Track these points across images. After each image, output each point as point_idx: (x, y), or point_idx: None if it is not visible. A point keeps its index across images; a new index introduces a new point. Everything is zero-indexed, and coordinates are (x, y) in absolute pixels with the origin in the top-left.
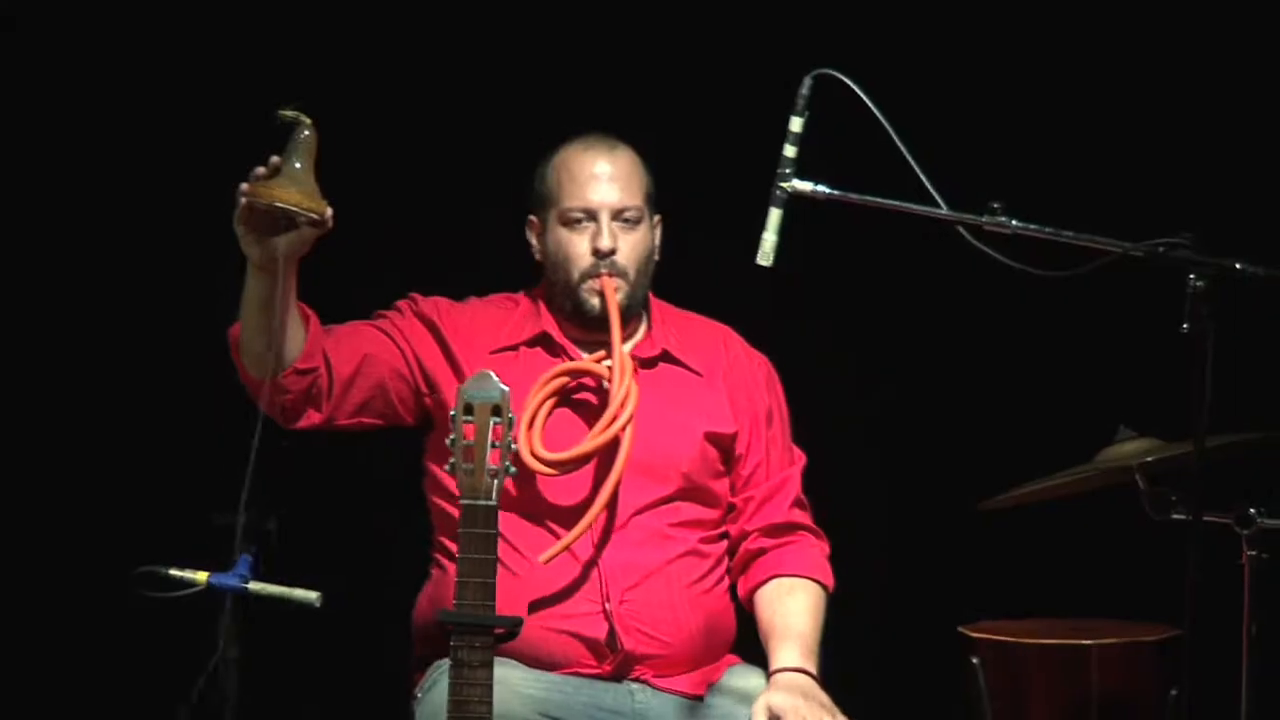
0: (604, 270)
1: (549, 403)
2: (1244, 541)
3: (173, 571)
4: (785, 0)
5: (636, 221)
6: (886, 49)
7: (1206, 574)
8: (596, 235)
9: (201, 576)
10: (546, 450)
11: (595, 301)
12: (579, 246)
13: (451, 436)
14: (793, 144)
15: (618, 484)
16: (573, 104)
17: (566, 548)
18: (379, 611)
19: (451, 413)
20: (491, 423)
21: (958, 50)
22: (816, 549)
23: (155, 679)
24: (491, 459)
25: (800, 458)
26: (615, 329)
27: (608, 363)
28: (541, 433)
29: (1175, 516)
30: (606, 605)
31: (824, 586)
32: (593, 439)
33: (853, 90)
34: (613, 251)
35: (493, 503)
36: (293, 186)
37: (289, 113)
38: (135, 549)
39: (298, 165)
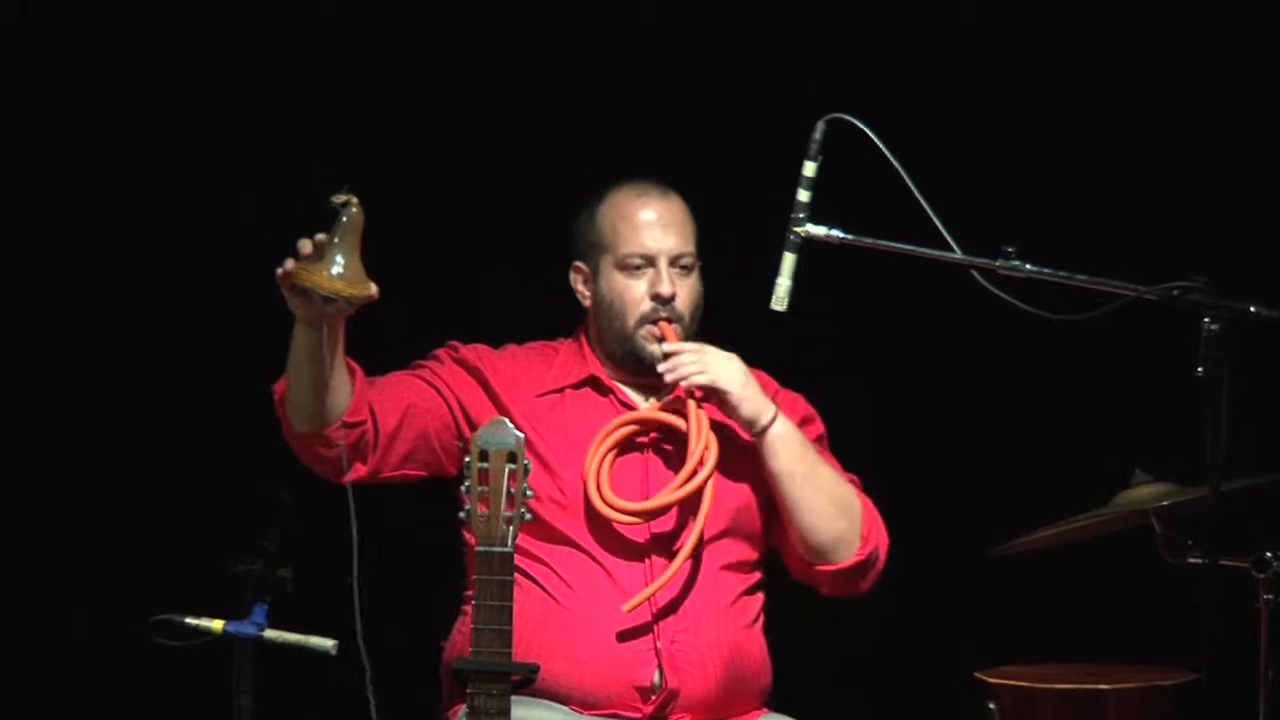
0: (663, 315)
1: (613, 452)
2: (1260, 585)
3: (189, 620)
4: (798, 46)
5: (691, 268)
6: (900, 94)
7: (1223, 618)
8: (656, 281)
9: (218, 625)
10: (614, 496)
11: (654, 349)
12: (636, 292)
13: (467, 483)
14: (806, 189)
15: (701, 534)
16: (585, 152)
17: (650, 596)
18: (398, 659)
19: (466, 459)
20: (507, 469)
21: (971, 95)
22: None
23: None
24: (507, 506)
25: (854, 479)
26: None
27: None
28: (609, 479)
29: (1191, 560)
30: (657, 644)
31: (859, 499)
32: (673, 490)
33: (866, 135)
34: (673, 297)
35: (508, 549)
36: (336, 271)
37: (340, 197)
38: (152, 597)
39: (342, 249)
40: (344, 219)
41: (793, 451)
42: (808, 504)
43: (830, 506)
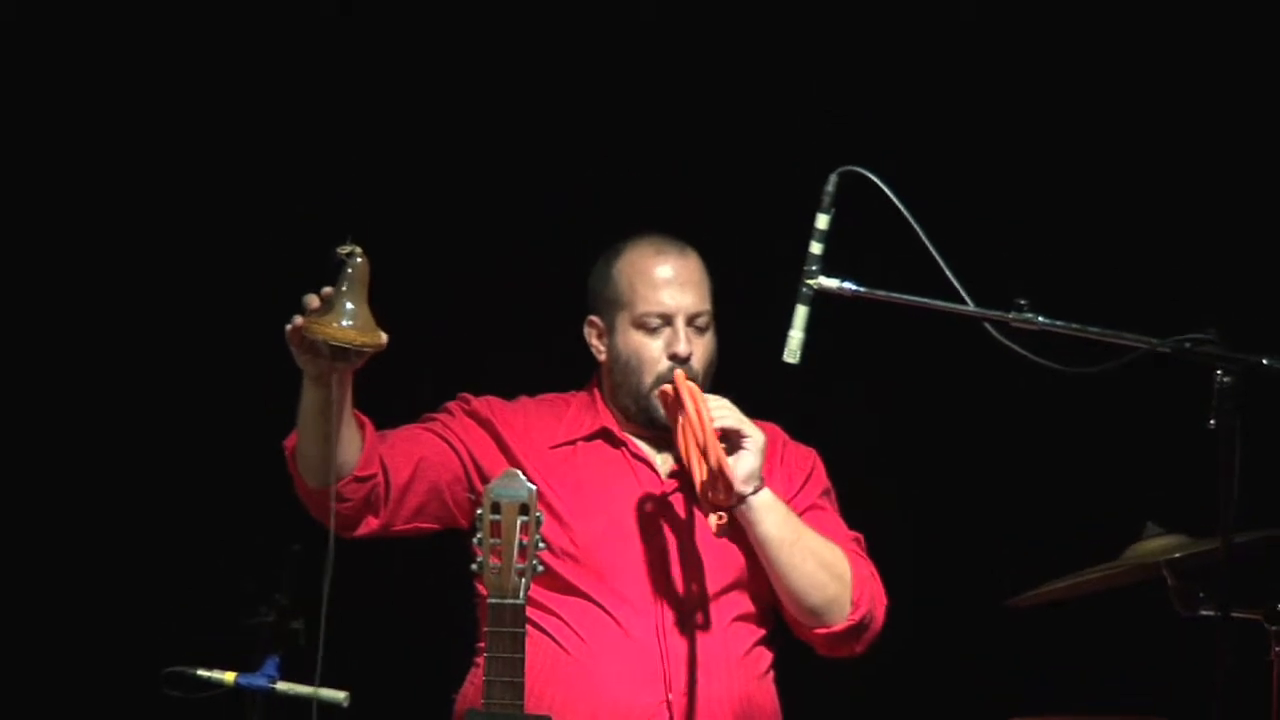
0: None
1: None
2: (1272, 637)
3: (201, 672)
4: (810, 99)
5: (706, 327)
6: (913, 146)
7: (1235, 670)
8: (673, 340)
9: (229, 677)
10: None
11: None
12: (653, 350)
13: (479, 535)
14: (819, 241)
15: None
16: (597, 202)
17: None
18: (410, 711)
19: (478, 511)
20: (519, 521)
21: (983, 147)
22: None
23: None
24: (519, 558)
25: (859, 537)
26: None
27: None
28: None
29: (1203, 612)
30: (669, 696)
31: (850, 568)
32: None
33: (879, 187)
34: (689, 356)
35: (520, 601)
36: (347, 321)
37: (344, 248)
38: (164, 649)
39: (350, 298)
40: (349, 270)
41: (777, 517)
42: (795, 569)
43: (819, 572)
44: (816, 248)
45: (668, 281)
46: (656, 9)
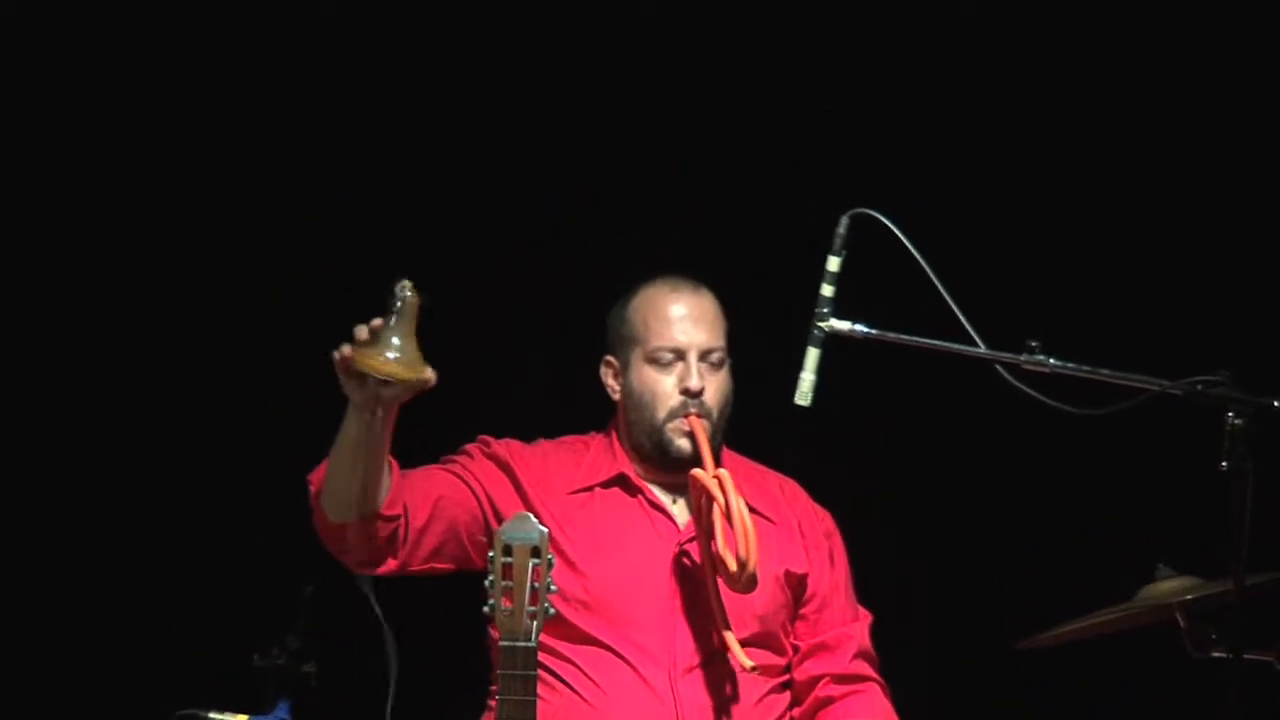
0: (692, 410)
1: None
2: None
3: (213, 714)
4: (820, 141)
5: (720, 364)
6: (924, 189)
7: (1247, 712)
8: (685, 375)
9: (242, 719)
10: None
11: (682, 443)
12: (665, 385)
13: (490, 578)
14: (830, 283)
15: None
16: (615, 247)
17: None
18: None
19: (490, 554)
20: (531, 564)
21: (994, 189)
22: (884, 701)
23: None
24: (530, 601)
25: (866, 615)
26: (708, 465)
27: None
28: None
29: (1216, 654)
30: None
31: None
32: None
33: (890, 229)
34: (701, 391)
35: (532, 644)
36: (392, 355)
37: (400, 284)
38: (175, 691)
39: (399, 333)
40: (399, 303)
41: None
42: None
43: None
44: (828, 290)
45: (681, 318)
46: (676, 55)
